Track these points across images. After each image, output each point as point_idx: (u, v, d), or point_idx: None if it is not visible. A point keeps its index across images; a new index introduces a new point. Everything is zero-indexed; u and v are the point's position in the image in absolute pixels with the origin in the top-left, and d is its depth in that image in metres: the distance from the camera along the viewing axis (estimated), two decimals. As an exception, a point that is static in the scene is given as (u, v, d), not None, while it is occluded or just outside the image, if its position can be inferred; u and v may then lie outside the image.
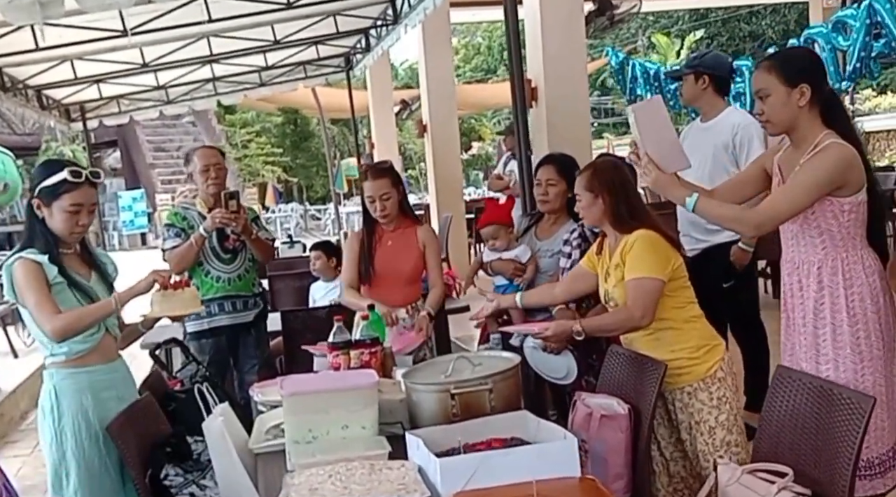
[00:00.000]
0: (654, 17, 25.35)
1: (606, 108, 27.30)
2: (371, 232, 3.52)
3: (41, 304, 2.46)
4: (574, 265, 3.08)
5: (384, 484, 1.87)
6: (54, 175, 2.54)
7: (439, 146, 9.63)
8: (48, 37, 5.59)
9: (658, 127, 2.52)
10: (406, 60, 28.88)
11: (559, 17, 5.53)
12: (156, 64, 7.33)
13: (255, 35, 7.22)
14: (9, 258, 2.56)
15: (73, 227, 2.57)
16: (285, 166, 25.65)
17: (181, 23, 5.99)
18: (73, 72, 7.07)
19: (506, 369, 2.28)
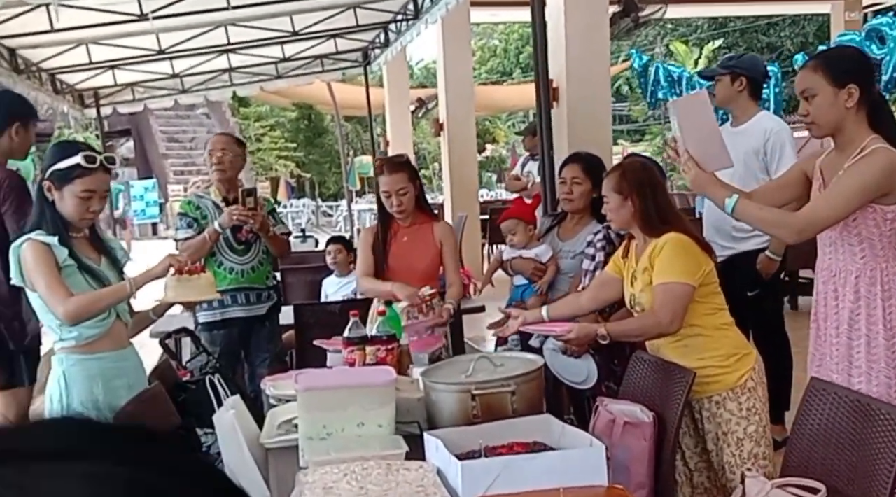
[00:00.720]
0: (673, 26, 25.24)
1: (622, 114, 27.18)
2: (386, 227, 3.40)
3: (52, 287, 2.41)
4: (597, 267, 3.00)
5: (402, 486, 1.80)
6: (68, 158, 2.48)
7: (456, 146, 9.56)
8: (63, 19, 5.53)
9: (701, 122, 2.43)
10: (422, 60, 28.88)
11: (583, 16, 5.46)
12: (172, 51, 7.24)
13: (274, 25, 7.13)
14: (17, 240, 2.51)
15: (83, 212, 2.51)
16: (298, 161, 25.65)
17: (199, 9, 5.93)
18: (88, 56, 6.97)
19: (529, 371, 2.21)
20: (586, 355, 2.93)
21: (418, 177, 3.46)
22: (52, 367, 2.56)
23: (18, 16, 5.36)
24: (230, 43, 7.41)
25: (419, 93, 14.38)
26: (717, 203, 2.45)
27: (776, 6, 15.96)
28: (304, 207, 21.36)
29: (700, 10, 16.66)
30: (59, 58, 6.93)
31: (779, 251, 3.66)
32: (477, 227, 9.60)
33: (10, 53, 6.40)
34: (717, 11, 18.88)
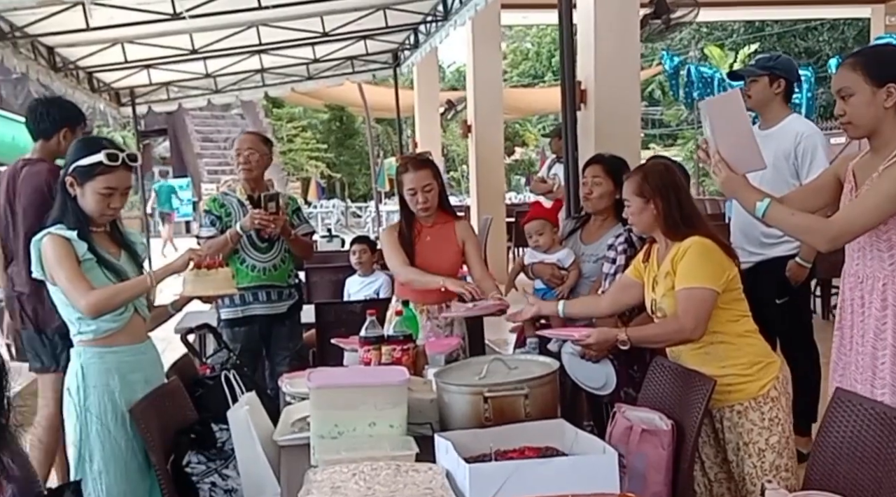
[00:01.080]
0: (708, 29, 24.95)
1: (654, 118, 26.94)
2: (409, 227, 3.38)
3: (73, 280, 2.43)
4: (618, 271, 2.95)
5: (409, 487, 1.78)
6: (91, 155, 2.51)
7: (483, 147, 9.53)
8: (99, 18, 5.63)
9: (733, 123, 2.35)
10: (454, 62, 28.90)
11: (613, 17, 5.39)
12: (205, 50, 7.34)
13: (304, 26, 7.19)
14: (38, 234, 2.53)
15: (104, 209, 2.54)
16: (329, 162, 25.81)
17: (231, 8, 5.99)
18: (124, 55, 7.09)
19: (543, 375, 2.17)
20: (605, 360, 2.88)
21: (441, 175, 3.44)
22: (71, 359, 2.58)
23: (55, 14, 5.46)
24: (262, 43, 7.47)
25: (449, 95, 14.38)
26: (748, 207, 2.37)
27: (815, 10, 15.65)
28: (333, 208, 21.47)
29: (736, 13, 16.42)
30: (96, 56, 7.06)
31: (809, 258, 3.57)
32: (502, 230, 9.55)
33: (49, 51, 6.54)
34: (754, 15, 18.61)
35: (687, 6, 7.33)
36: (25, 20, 5.59)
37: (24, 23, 5.64)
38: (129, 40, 6.76)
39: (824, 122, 14.58)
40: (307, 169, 24.49)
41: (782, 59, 3.84)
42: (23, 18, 5.56)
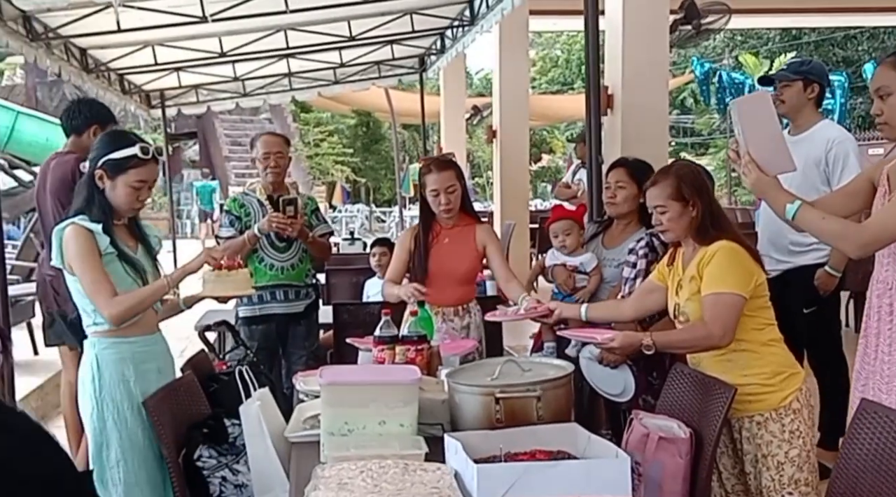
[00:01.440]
0: (743, 37, 24.68)
1: (685, 126, 26.69)
2: (428, 229, 3.35)
3: (98, 285, 2.44)
4: (638, 276, 2.90)
5: (417, 486, 1.75)
6: (124, 149, 2.53)
7: (508, 153, 9.48)
8: (130, 20, 5.70)
9: (763, 124, 2.31)
10: (482, 69, 28.88)
11: (642, 22, 5.34)
12: (233, 54, 7.40)
13: (332, 30, 7.22)
14: (61, 223, 2.54)
15: (133, 202, 2.57)
16: (355, 167, 25.92)
17: (259, 12, 6.03)
18: (154, 57, 7.17)
19: (557, 377, 2.13)
20: (623, 366, 2.82)
21: (464, 177, 3.41)
22: (84, 350, 2.59)
23: (87, 16, 5.55)
24: (289, 47, 7.51)
25: (475, 101, 14.37)
26: (777, 209, 2.31)
27: (854, 18, 15.23)
28: (358, 213, 21.53)
29: (771, 20, 16.15)
30: (127, 58, 7.15)
31: (839, 267, 3.49)
32: (525, 236, 9.49)
33: (82, 53, 6.64)
34: (790, 23, 18.33)
35: (718, 12, 7.25)
36: (59, 22, 5.69)
37: (57, 24, 5.74)
38: (159, 43, 6.84)
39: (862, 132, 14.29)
40: (333, 173, 24.61)
41: (815, 63, 3.78)
42: (56, 20, 5.65)
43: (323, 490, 1.76)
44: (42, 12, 5.39)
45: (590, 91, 4.63)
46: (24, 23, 5.36)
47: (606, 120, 5.39)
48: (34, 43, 5.52)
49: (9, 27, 5.10)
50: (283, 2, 6.00)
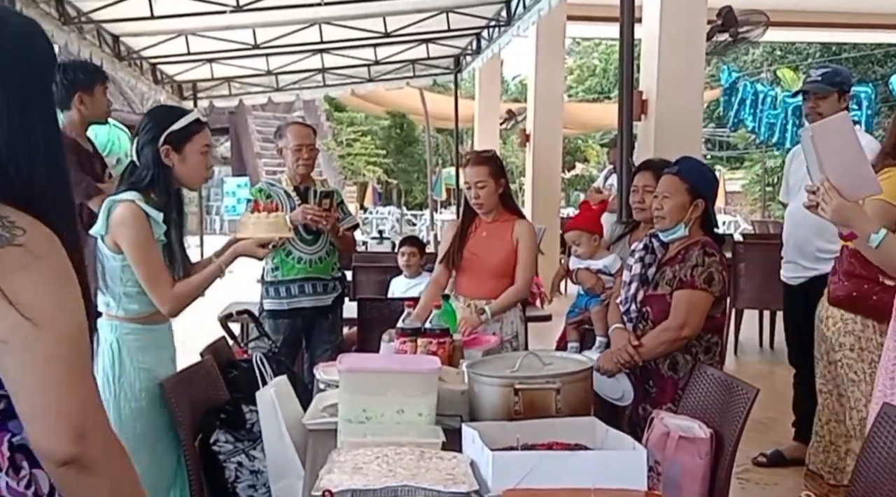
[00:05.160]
0: (782, 52, 24.37)
1: (721, 140, 26.40)
2: (469, 220, 3.43)
3: (157, 278, 2.39)
4: (634, 280, 2.85)
5: (432, 472, 1.74)
6: (182, 118, 2.47)
7: (541, 158, 9.45)
8: (163, 7, 5.73)
9: (842, 148, 2.21)
10: (517, 75, 28.84)
11: (679, 27, 5.31)
12: (267, 46, 7.42)
13: (367, 26, 7.24)
14: (118, 194, 2.42)
15: (204, 169, 2.51)
16: (387, 169, 25.98)
17: (294, 3, 6.05)
18: (187, 47, 7.17)
19: (576, 371, 2.10)
20: (620, 375, 2.80)
21: (504, 174, 3.42)
22: (102, 334, 2.49)
23: (120, 1, 5.56)
24: (323, 41, 7.53)
25: (510, 106, 14.34)
26: (862, 235, 2.21)
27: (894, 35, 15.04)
28: (389, 215, 21.61)
29: (810, 34, 15.93)
30: (159, 47, 7.17)
31: (868, 275, 3.41)
32: (556, 242, 9.43)
33: (114, 40, 6.68)
34: (830, 37, 18.06)
35: (756, 22, 7.17)
36: (91, 6, 5.68)
37: (89, 8, 5.73)
38: (193, 32, 6.86)
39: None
40: (364, 174, 24.70)
41: (844, 72, 3.77)
42: (88, 4, 5.64)
43: (337, 473, 1.75)
44: (74, -6, 5.41)
45: (623, 94, 4.61)
46: (56, 5, 5.35)
47: (640, 125, 5.36)
48: (66, 27, 5.48)
49: (41, 9, 5.08)
50: (319, -7, 6.01)
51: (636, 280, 2.82)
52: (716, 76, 16.88)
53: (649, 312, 2.78)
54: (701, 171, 2.87)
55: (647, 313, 2.78)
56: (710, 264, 2.68)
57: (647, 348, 2.71)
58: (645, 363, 2.73)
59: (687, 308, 2.66)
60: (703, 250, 2.70)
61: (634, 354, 2.70)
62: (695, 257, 2.69)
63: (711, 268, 2.67)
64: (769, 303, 6.13)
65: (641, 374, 2.79)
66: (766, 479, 3.82)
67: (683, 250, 2.75)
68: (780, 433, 4.20)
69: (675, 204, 2.69)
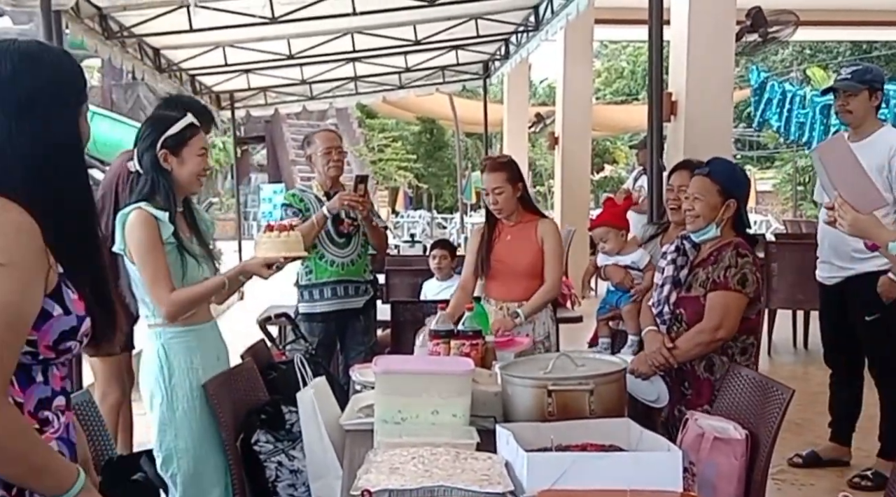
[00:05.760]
0: (812, 51, 24.02)
1: (751, 140, 26.07)
2: (492, 226, 3.46)
3: (158, 279, 2.42)
4: (666, 282, 2.83)
5: (467, 473, 1.77)
6: (177, 123, 2.51)
7: (569, 160, 9.45)
8: (202, 20, 5.89)
9: (846, 165, 2.32)
10: (545, 79, 28.78)
11: (708, 28, 5.29)
12: (301, 56, 7.56)
13: (397, 34, 7.34)
14: (126, 206, 2.51)
15: (202, 171, 2.55)
16: (417, 173, 26.09)
17: (327, 14, 6.16)
18: (224, 58, 7.38)
19: (610, 372, 2.13)
20: (655, 377, 2.80)
21: (521, 178, 3.44)
22: (148, 341, 2.56)
23: (161, 16, 5.75)
24: (355, 50, 7.64)
25: (538, 109, 14.34)
26: (882, 244, 2.29)
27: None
28: (419, 219, 21.70)
29: (840, 33, 15.71)
30: (198, 59, 7.38)
31: (904, 274, 3.39)
32: (585, 244, 9.42)
33: (155, 53, 6.89)
34: (860, 35, 17.79)
35: (786, 22, 7.11)
36: (133, 21, 5.89)
37: (131, 23, 5.95)
38: (230, 44, 7.04)
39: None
40: (396, 179, 24.83)
41: (877, 70, 3.73)
42: (130, 19, 5.86)
43: (374, 473, 1.79)
44: (117, 10, 5.58)
45: (652, 96, 4.61)
46: (99, 21, 5.56)
47: (669, 126, 5.35)
48: (109, 41, 5.71)
49: (85, 24, 5.28)
50: (350, 4, 6.12)
51: (668, 282, 2.81)
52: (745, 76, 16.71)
53: (683, 314, 2.78)
54: (732, 172, 2.87)
55: (681, 315, 2.78)
56: (744, 265, 2.68)
57: (682, 351, 2.71)
58: (681, 365, 2.73)
59: (722, 310, 2.66)
60: (735, 251, 2.70)
61: (669, 357, 2.70)
62: (728, 258, 2.69)
63: (745, 269, 2.67)
64: (802, 303, 6.07)
65: (677, 376, 2.79)
66: (801, 480, 3.79)
67: (716, 251, 2.75)
68: (816, 434, 4.17)
69: (706, 205, 2.71)
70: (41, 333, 1.32)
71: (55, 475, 1.33)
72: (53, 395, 1.39)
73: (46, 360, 1.36)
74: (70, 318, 1.35)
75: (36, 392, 1.36)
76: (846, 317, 3.58)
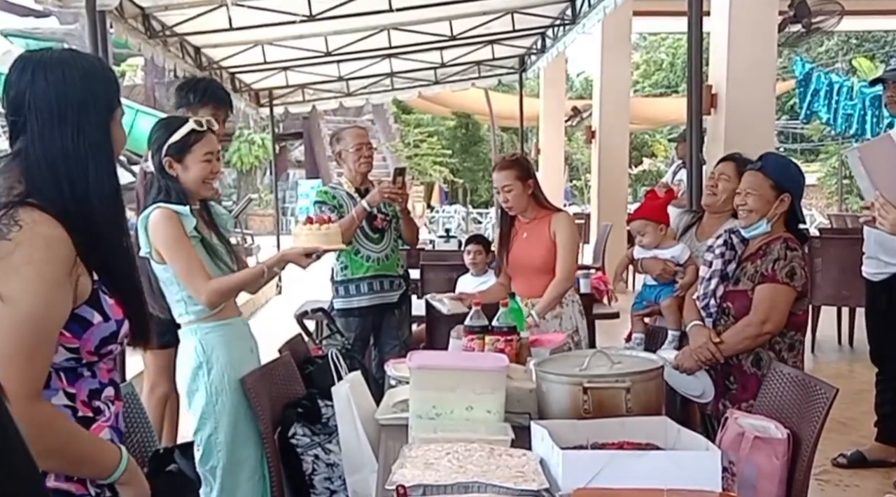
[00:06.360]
0: (858, 41, 23.47)
1: (795, 132, 25.57)
2: (509, 225, 3.49)
3: (192, 270, 2.42)
4: (714, 276, 2.78)
5: (502, 469, 1.76)
6: (179, 129, 2.51)
7: (607, 154, 9.35)
8: (241, 19, 5.98)
9: (890, 165, 2.28)
10: (582, 72, 28.56)
11: (750, 19, 5.19)
12: (338, 53, 7.61)
13: (433, 30, 7.33)
14: (145, 210, 2.51)
15: (208, 175, 2.54)
16: (453, 168, 26.11)
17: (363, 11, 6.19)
18: (263, 56, 7.48)
19: (647, 370, 2.10)
20: (701, 372, 2.76)
21: (530, 175, 3.43)
22: (184, 338, 2.57)
23: (201, 15, 5.85)
24: (392, 46, 7.66)
25: (575, 103, 14.22)
26: None
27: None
28: (455, 213, 21.70)
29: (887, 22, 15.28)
30: (238, 57, 7.48)
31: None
32: (622, 239, 9.31)
33: (196, 51, 7.00)
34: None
35: (830, 12, 6.94)
36: (174, 20, 6.02)
37: (173, 22, 6.08)
38: (269, 42, 7.12)
39: None
40: (431, 174, 24.87)
41: None
42: (172, 18, 5.99)
43: (409, 468, 1.79)
44: (160, 10, 5.70)
45: (692, 88, 4.54)
46: (142, 20, 5.69)
47: (710, 119, 5.26)
48: (152, 40, 5.83)
49: (129, 24, 5.41)
50: (386, 1, 6.14)
51: (716, 276, 2.77)
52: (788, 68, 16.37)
53: (730, 308, 2.74)
54: (786, 167, 2.82)
55: (728, 309, 2.74)
56: (793, 258, 2.64)
57: (729, 345, 2.67)
58: (727, 359, 2.69)
59: (769, 303, 2.62)
60: (785, 244, 2.66)
61: (716, 351, 2.67)
62: (776, 251, 2.65)
63: (793, 262, 2.63)
64: (847, 299, 5.94)
65: (722, 370, 2.75)
66: (846, 481, 3.71)
67: (764, 245, 2.71)
68: (861, 434, 4.08)
69: (759, 199, 2.66)
70: (83, 341, 1.38)
71: (94, 464, 1.39)
72: (102, 386, 1.45)
73: (90, 363, 1.42)
74: (109, 324, 1.41)
75: (85, 384, 1.43)
76: (893, 313, 3.49)
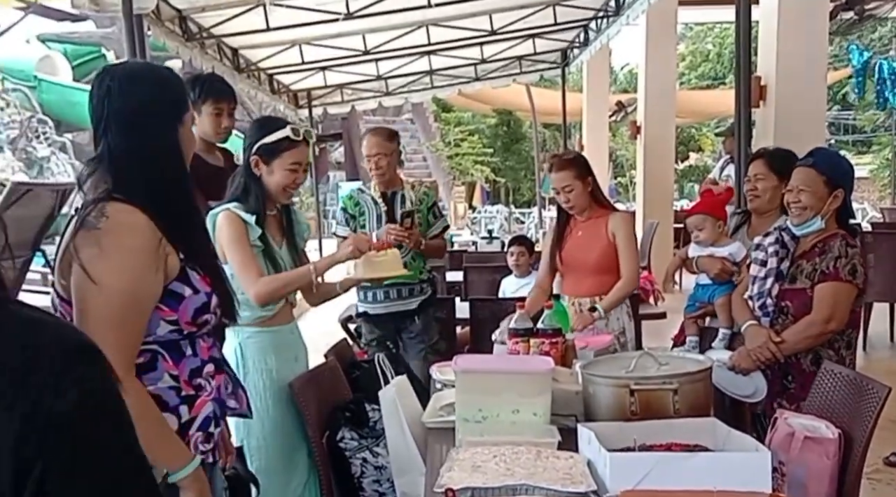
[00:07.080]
0: (913, 26, 22.73)
1: (846, 123, 24.92)
2: (565, 222, 3.46)
3: (246, 266, 2.46)
4: (769, 275, 2.72)
5: (549, 472, 1.77)
6: (275, 132, 2.54)
7: (652, 149, 9.21)
8: (278, 19, 6.01)
9: None
10: (626, 65, 28.22)
11: (800, 8, 5.08)
12: (376, 51, 7.60)
13: (473, 25, 7.29)
14: (216, 208, 2.58)
15: (290, 184, 2.57)
16: (494, 167, 25.96)
17: (402, 7, 6.18)
18: (301, 56, 7.47)
19: (695, 371, 2.07)
20: (756, 373, 2.71)
21: (589, 173, 3.40)
22: (228, 339, 2.52)
23: (238, 16, 5.90)
24: (431, 43, 7.64)
25: (619, 97, 14.06)
26: None
27: None
28: (497, 213, 21.62)
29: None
30: (275, 58, 7.51)
31: None
32: (669, 236, 9.18)
33: (233, 53, 7.06)
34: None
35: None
36: (211, 21, 6.05)
37: (210, 24, 6.10)
38: (306, 41, 7.14)
39: None
40: (472, 173, 24.78)
41: None
42: (209, 20, 6.01)
43: (457, 471, 1.81)
44: (196, 11, 5.74)
45: (740, 81, 4.47)
46: (179, 23, 5.72)
47: (758, 112, 5.17)
48: (189, 43, 5.87)
49: (166, 27, 5.44)
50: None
51: (772, 275, 2.72)
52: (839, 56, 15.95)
53: (789, 307, 2.69)
54: (837, 162, 2.76)
55: (787, 308, 2.69)
56: (853, 255, 2.59)
57: (790, 344, 2.62)
58: (785, 358, 2.65)
59: (833, 301, 2.58)
60: (844, 241, 2.62)
61: (776, 351, 2.62)
62: (837, 249, 2.60)
63: (854, 259, 2.59)
64: (900, 295, 5.78)
65: (779, 369, 2.70)
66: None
67: (821, 243, 2.66)
68: (916, 433, 3.96)
69: (812, 196, 2.61)
70: (179, 313, 1.61)
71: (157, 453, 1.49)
72: (203, 364, 1.68)
73: (191, 334, 1.65)
74: (200, 296, 1.63)
75: (188, 364, 1.65)
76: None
